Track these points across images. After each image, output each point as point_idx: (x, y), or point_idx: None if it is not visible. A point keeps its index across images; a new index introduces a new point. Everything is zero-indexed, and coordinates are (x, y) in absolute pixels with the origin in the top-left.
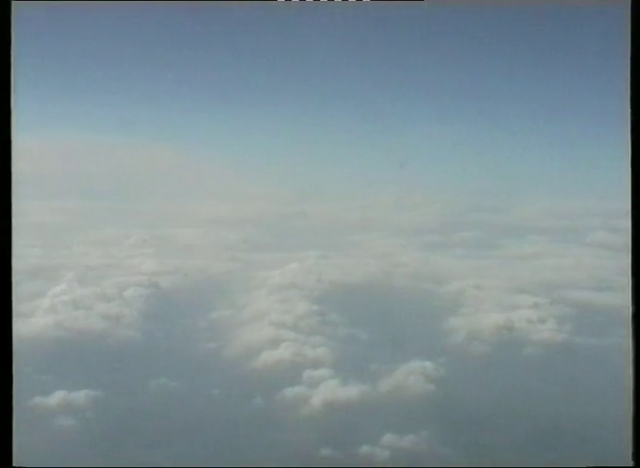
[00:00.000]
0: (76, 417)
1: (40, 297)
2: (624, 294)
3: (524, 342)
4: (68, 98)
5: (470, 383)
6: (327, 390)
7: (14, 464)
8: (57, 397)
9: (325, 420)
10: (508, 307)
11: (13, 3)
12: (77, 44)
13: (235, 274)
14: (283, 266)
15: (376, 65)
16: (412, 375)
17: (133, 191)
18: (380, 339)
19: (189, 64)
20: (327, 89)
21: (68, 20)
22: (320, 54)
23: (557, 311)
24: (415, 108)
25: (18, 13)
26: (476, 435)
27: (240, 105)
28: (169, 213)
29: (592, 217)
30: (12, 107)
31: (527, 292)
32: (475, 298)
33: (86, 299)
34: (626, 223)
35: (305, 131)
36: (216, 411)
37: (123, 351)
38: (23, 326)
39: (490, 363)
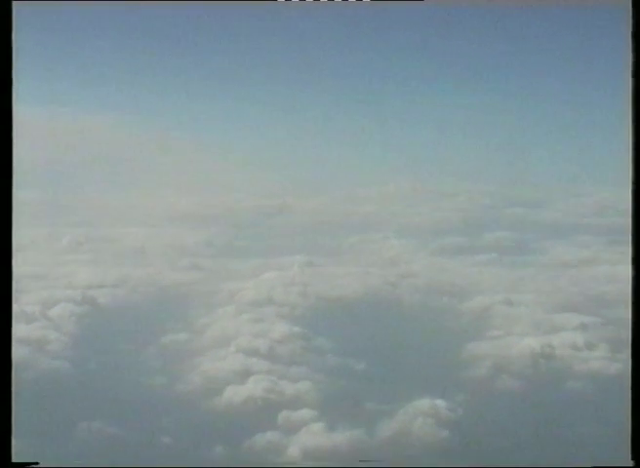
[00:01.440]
0: None
1: None
2: None
3: (567, 375)
4: None
5: (495, 429)
6: (309, 437)
7: (13, 460)
8: None
9: None
10: (548, 329)
11: (13, 3)
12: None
13: (196, 286)
14: (257, 276)
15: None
16: (419, 418)
17: (68, 179)
18: (379, 371)
19: (178, 46)
20: (324, 70)
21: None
22: (315, 45)
23: (610, 334)
24: (431, 82)
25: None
26: None
27: (222, 84)
28: (113, 207)
29: None
30: (12, 107)
31: (572, 310)
32: (505, 317)
33: None
34: None
35: (294, 111)
36: (166, 465)
37: (47, 386)
38: None
39: (522, 402)
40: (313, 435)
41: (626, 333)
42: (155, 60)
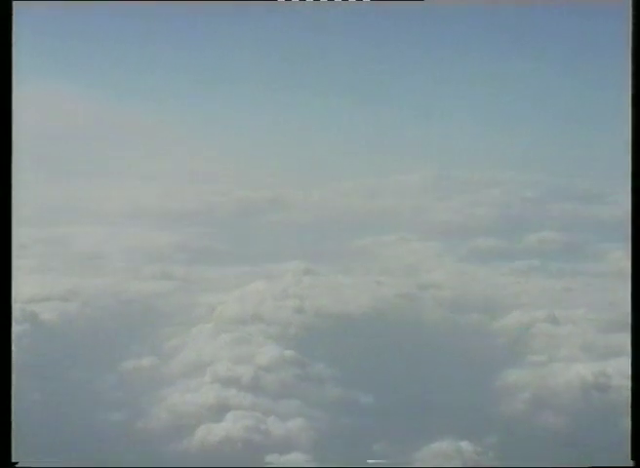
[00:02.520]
0: None
1: None
2: None
3: (625, 411)
4: None
5: None
6: None
7: (13, 460)
8: None
9: None
10: (602, 353)
11: (13, 3)
12: None
13: (165, 300)
14: (242, 287)
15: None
16: (440, 461)
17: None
18: (391, 405)
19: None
20: (330, 53)
21: None
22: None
23: None
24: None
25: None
26: None
27: (210, 65)
28: (65, 200)
29: None
30: (12, 105)
31: None
32: (549, 339)
33: None
34: None
35: (291, 88)
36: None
37: None
38: None
39: (568, 445)
40: None
41: None
42: (142, 45)
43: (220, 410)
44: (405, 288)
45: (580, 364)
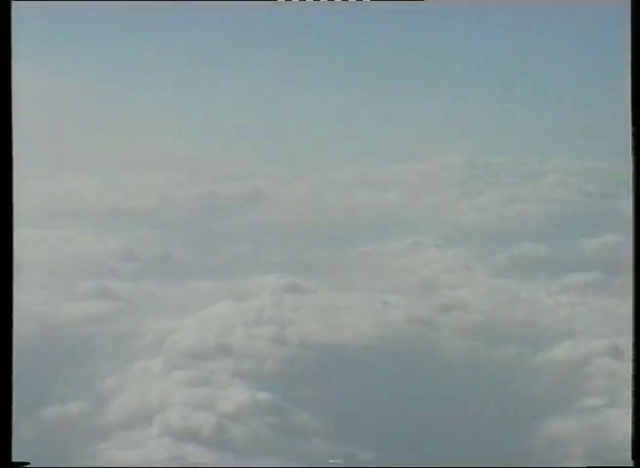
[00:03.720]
0: None
1: None
2: None
3: None
4: None
5: None
6: None
7: (12, 460)
8: None
9: None
10: None
11: (13, 3)
12: None
13: (102, 326)
14: (204, 309)
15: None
16: None
17: None
18: (398, 465)
19: None
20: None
21: None
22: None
23: None
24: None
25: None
26: None
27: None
28: None
29: None
30: (12, 107)
31: None
32: (609, 377)
33: None
34: None
35: (279, 59)
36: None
37: None
38: None
39: None
40: None
41: None
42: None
43: None
44: (420, 310)
45: None
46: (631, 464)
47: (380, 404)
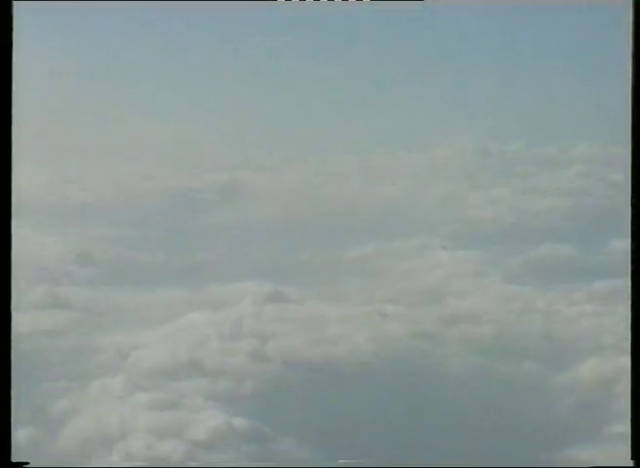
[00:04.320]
0: None
1: None
2: None
3: None
4: None
5: None
6: None
7: (12, 460)
8: None
9: None
10: None
11: (13, 3)
12: None
13: (54, 339)
14: (172, 320)
15: None
16: None
17: None
18: None
19: None
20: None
21: None
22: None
23: None
24: None
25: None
26: None
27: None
28: None
29: None
30: (12, 108)
31: None
32: None
33: None
34: None
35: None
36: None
37: None
38: None
39: None
40: None
41: None
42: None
43: None
44: (423, 322)
45: None
46: (631, 464)
47: (375, 431)
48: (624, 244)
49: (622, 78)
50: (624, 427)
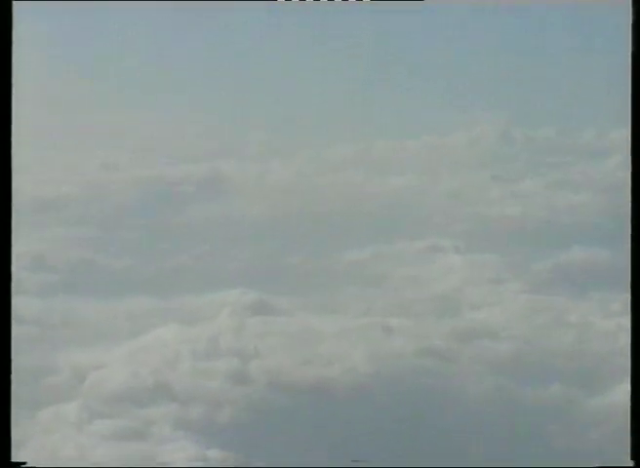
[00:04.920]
0: None
1: None
2: None
3: None
4: None
5: None
6: None
7: (12, 460)
8: None
9: None
10: None
11: (13, 3)
12: None
13: None
14: (139, 336)
15: None
16: None
17: None
18: None
19: None
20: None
21: None
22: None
23: None
24: None
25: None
26: None
27: None
28: None
29: None
30: (12, 108)
31: None
32: None
33: None
34: None
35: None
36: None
37: None
38: None
39: None
40: None
41: None
42: None
43: None
44: (433, 337)
45: None
46: (631, 464)
47: (376, 463)
48: None
49: None
50: None
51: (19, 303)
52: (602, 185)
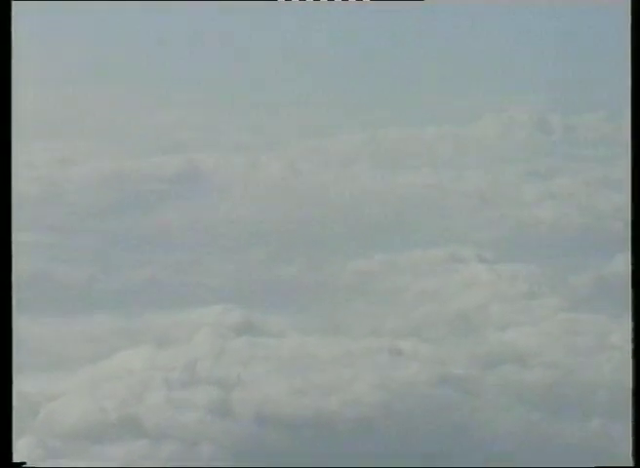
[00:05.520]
0: None
1: None
2: None
3: None
4: None
5: None
6: None
7: (13, 461)
8: None
9: None
10: None
11: (13, 3)
12: None
13: None
14: (100, 360)
15: None
16: None
17: None
18: None
19: None
20: None
21: None
22: None
23: None
24: None
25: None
26: None
27: None
28: None
29: None
30: (11, 109)
31: None
32: None
33: None
34: None
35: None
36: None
37: None
38: None
39: None
40: None
41: None
42: None
43: None
44: (452, 363)
45: None
46: (631, 464)
47: None
48: None
49: None
50: None
51: None
52: None
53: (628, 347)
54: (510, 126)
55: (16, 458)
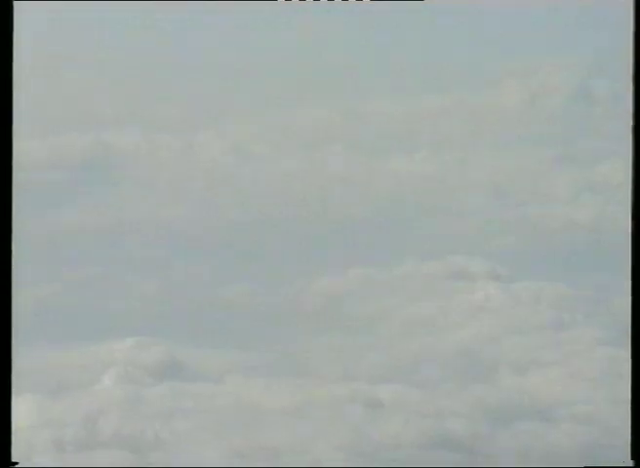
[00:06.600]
0: None
1: None
2: None
3: None
4: None
5: None
6: None
7: (12, 460)
8: None
9: None
10: None
11: (14, 3)
12: None
13: None
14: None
15: None
16: None
17: None
18: None
19: None
20: None
21: None
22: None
23: None
24: None
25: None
26: None
27: None
28: None
29: None
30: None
31: None
32: None
33: None
34: None
35: None
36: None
37: None
38: None
39: None
40: None
41: None
42: None
43: None
44: (452, 417)
45: None
46: (631, 464)
47: None
48: None
49: None
50: None
51: None
52: None
53: None
54: (537, 95)
55: None
